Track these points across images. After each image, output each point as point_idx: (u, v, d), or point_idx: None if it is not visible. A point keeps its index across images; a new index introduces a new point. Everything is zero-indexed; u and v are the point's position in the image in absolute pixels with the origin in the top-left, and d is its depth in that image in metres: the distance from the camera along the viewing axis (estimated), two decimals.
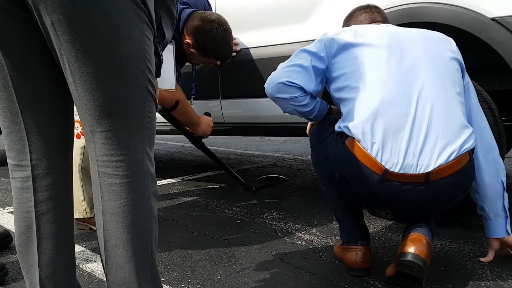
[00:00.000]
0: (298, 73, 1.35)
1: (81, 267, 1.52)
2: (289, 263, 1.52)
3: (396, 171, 1.23)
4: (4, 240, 1.70)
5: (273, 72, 1.38)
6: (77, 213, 1.86)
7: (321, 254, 1.60)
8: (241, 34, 2.24)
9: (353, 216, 1.44)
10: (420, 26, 1.54)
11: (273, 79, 1.36)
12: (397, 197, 1.27)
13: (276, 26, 2.15)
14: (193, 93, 2.34)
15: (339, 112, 1.41)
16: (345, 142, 1.30)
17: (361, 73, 1.30)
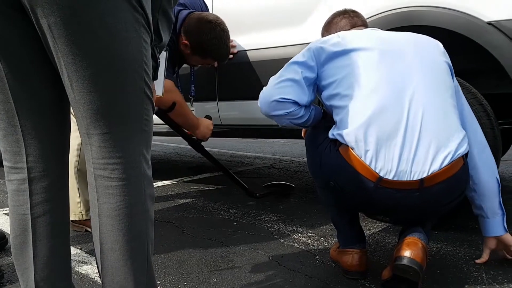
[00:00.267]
0: (290, 87, 1.35)
1: (77, 269, 1.52)
2: (285, 265, 1.52)
3: (390, 178, 1.23)
4: (0, 242, 1.69)
5: (265, 88, 1.39)
6: (72, 215, 1.85)
7: (317, 257, 1.60)
8: (238, 36, 2.24)
9: (349, 219, 1.44)
10: (407, 29, 1.54)
11: (266, 97, 1.37)
12: (392, 203, 1.28)
13: (273, 28, 2.15)
14: (192, 94, 2.32)
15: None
16: (339, 149, 1.30)
17: (351, 80, 1.30)
